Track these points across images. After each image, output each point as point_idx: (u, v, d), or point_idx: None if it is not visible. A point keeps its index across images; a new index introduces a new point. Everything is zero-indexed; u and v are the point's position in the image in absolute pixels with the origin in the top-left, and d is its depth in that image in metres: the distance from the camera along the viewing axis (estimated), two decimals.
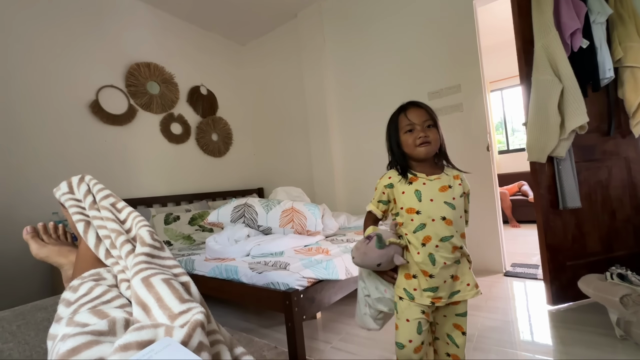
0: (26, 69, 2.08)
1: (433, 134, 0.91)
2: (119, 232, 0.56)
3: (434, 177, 0.92)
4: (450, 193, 0.90)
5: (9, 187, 1.93)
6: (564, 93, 1.54)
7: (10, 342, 0.53)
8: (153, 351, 0.31)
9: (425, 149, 0.90)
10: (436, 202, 0.88)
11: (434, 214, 0.88)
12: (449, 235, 0.87)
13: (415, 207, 0.89)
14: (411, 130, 0.92)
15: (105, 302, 0.47)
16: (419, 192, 0.90)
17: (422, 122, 0.91)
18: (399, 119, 0.95)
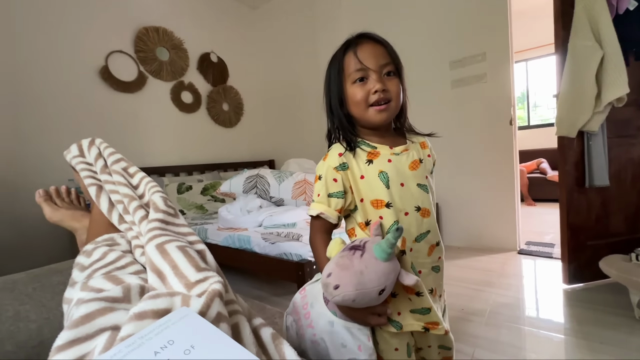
0: (34, 34, 2.02)
1: (395, 87, 0.61)
2: (131, 197, 0.53)
3: (400, 149, 0.64)
4: (422, 170, 0.64)
5: (23, 154, 1.94)
6: (604, 61, 1.41)
7: (27, 304, 0.52)
8: (170, 321, 0.29)
9: (384, 114, 0.61)
10: (408, 187, 0.62)
11: (406, 205, 0.61)
12: (424, 232, 0.63)
13: (384, 198, 0.60)
14: (362, 80, 0.61)
15: (120, 268, 0.45)
16: (384, 174, 0.61)
17: (379, 66, 0.60)
18: (345, 61, 0.63)
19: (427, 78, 2.46)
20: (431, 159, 0.69)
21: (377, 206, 0.61)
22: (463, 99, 2.34)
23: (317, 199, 0.64)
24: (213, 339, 0.28)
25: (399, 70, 0.63)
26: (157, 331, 0.28)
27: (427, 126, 0.71)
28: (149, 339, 0.27)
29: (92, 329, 0.33)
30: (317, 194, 0.64)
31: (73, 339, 0.33)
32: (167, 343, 0.26)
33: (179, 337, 0.27)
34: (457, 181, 2.40)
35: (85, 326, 0.33)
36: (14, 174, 1.90)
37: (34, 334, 0.51)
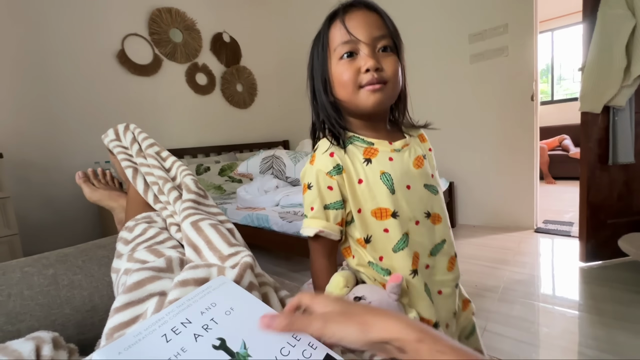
0: (56, 21, 2.06)
1: (392, 66, 0.48)
2: (165, 179, 0.58)
3: (400, 144, 0.53)
4: (427, 168, 0.54)
5: (53, 138, 2.04)
6: (636, 30, 1.33)
7: (79, 274, 0.58)
8: (211, 287, 0.33)
9: (379, 95, 0.48)
10: (415, 190, 0.51)
11: (416, 212, 0.51)
12: (439, 241, 0.53)
13: (389, 207, 0.49)
14: (351, 55, 0.48)
15: (159, 243, 0.50)
16: (387, 176, 0.50)
17: (372, 38, 0.47)
18: (330, 33, 0.51)
19: (443, 53, 2.38)
20: (432, 153, 0.58)
21: (381, 217, 0.49)
22: (482, 74, 2.26)
23: (311, 214, 0.51)
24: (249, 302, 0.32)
25: (398, 47, 0.50)
26: (200, 295, 0.32)
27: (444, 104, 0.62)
28: (195, 301, 0.31)
29: (144, 294, 0.38)
30: (310, 207, 0.51)
31: (128, 302, 0.38)
32: (210, 305, 0.30)
33: (219, 300, 0.31)
34: (474, 158, 2.36)
35: (138, 291, 0.38)
36: (46, 157, 2.01)
37: (86, 299, 0.58)
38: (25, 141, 1.93)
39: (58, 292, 0.55)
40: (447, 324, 0.53)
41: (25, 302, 0.52)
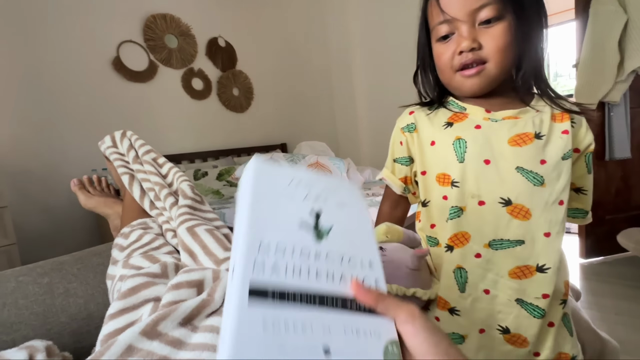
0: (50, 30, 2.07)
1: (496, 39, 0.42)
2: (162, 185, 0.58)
3: (502, 114, 0.45)
4: (537, 149, 0.43)
5: (48, 146, 2.04)
6: (628, 26, 1.34)
7: (74, 282, 0.58)
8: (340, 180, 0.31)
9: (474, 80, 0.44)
10: (497, 168, 0.43)
11: (485, 192, 0.44)
12: (512, 239, 0.43)
13: (451, 174, 0.46)
14: (447, 37, 0.45)
15: (155, 249, 0.50)
16: (462, 142, 0.45)
17: (469, 12, 0.41)
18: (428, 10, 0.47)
19: None
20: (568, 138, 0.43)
21: (443, 182, 0.46)
22: None
23: (386, 163, 0.56)
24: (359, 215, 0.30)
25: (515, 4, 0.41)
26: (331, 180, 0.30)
27: None
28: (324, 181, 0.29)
29: (138, 300, 0.38)
30: (388, 156, 0.55)
31: (123, 308, 0.37)
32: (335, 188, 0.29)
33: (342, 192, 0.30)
34: None
35: (133, 297, 0.38)
36: (43, 165, 2.00)
37: (82, 307, 0.57)
38: (21, 150, 1.93)
39: (53, 300, 0.55)
40: (481, 329, 0.45)
41: (20, 312, 0.52)
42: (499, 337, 0.44)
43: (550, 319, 0.45)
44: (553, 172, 0.43)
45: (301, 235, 0.25)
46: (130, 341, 0.32)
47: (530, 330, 0.44)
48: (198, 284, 0.40)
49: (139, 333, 0.32)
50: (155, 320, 0.33)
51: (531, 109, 0.46)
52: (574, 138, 0.45)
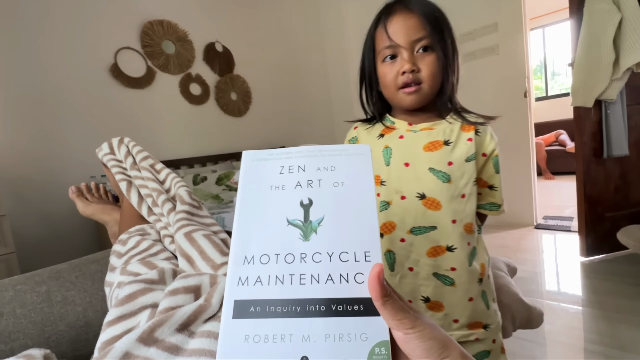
0: (48, 38, 2.07)
1: (429, 66, 0.52)
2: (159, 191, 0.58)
3: (420, 126, 0.57)
4: (445, 154, 0.54)
5: (47, 153, 2.04)
6: (623, 24, 1.34)
7: (72, 290, 0.58)
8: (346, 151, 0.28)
9: (413, 97, 0.54)
10: (414, 169, 0.55)
11: (405, 188, 0.55)
12: (427, 225, 0.54)
13: (381, 174, 0.58)
14: (393, 57, 0.54)
15: (153, 255, 0.50)
16: (388, 150, 0.57)
17: (410, 42, 0.52)
18: (376, 36, 0.57)
19: None
20: (472, 144, 0.54)
21: (376, 182, 0.57)
22: (474, 73, 2.28)
23: None
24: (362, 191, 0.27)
25: (442, 41, 0.53)
26: (332, 152, 0.28)
27: None
28: (323, 155, 0.28)
29: (136, 307, 0.38)
30: None
31: (120, 315, 0.37)
32: (330, 167, 0.27)
33: (341, 168, 0.27)
34: None
35: (130, 304, 0.38)
36: (40, 172, 2.00)
37: (80, 315, 0.57)
38: (20, 158, 1.93)
39: (51, 309, 0.55)
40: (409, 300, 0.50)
41: (18, 321, 0.52)
42: (422, 305, 0.56)
43: (469, 295, 0.55)
44: (458, 172, 0.54)
45: (288, 236, 0.24)
46: (127, 348, 0.32)
47: (445, 298, 0.55)
48: (195, 290, 0.40)
49: (135, 340, 0.32)
50: (152, 326, 0.33)
51: (445, 121, 0.57)
52: (480, 145, 0.56)
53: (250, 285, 0.23)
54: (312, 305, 0.22)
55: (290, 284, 0.23)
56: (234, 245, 0.24)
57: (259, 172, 0.27)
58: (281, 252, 0.24)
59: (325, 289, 0.23)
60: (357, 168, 0.27)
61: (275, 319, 0.22)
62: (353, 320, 0.22)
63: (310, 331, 0.21)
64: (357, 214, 0.25)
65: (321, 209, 0.25)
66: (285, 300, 0.22)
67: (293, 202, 0.25)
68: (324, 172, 0.27)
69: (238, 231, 0.24)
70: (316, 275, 0.23)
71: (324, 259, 0.24)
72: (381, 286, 0.22)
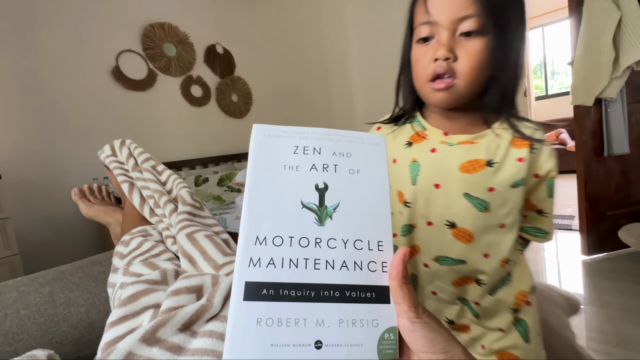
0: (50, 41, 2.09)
1: (471, 57, 0.40)
2: (161, 192, 0.58)
3: (458, 138, 0.45)
4: (486, 177, 0.43)
5: (49, 156, 2.05)
6: (622, 22, 1.34)
7: (75, 291, 0.58)
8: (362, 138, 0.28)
9: (442, 96, 0.42)
10: (445, 191, 0.44)
11: (433, 214, 0.46)
12: (454, 258, 0.46)
13: (405, 193, 0.47)
14: (427, 40, 0.43)
15: (155, 255, 0.50)
16: (416, 165, 0.46)
17: (452, 20, 0.40)
18: (415, 8, 0.45)
19: None
20: (522, 166, 0.42)
21: (400, 199, 0.48)
22: None
23: None
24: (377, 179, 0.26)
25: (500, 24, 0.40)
26: (349, 138, 0.27)
27: None
28: (339, 140, 0.27)
29: (138, 307, 0.38)
30: None
31: (123, 316, 0.38)
32: (347, 153, 0.26)
33: (357, 155, 0.27)
34: None
35: (133, 304, 0.38)
36: (43, 175, 2.01)
37: (83, 316, 0.57)
38: (23, 161, 1.94)
39: (55, 310, 0.55)
40: None
41: (22, 322, 0.52)
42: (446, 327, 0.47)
43: (499, 326, 0.48)
44: (499, 199, 0.43)
45: (302, 219, 0.24)
46: (129, 348, 0.32)
47: (472, 323, 0.49)
48: (197, 290, 0.40)
49: (138, 340, 0.33)
50: (155, 326, 0.34)
51: (491, 132, 0.44)
52: (533, 164, 0.44)
53: (263, 267, 0.22)
54: (326, 290, 0.22)
55: (305, 268, 0.22)
56: (245, 224, 0.23)
57: (271, 149, 0.26)
58: (295, 235, 0.23)
59: (339, 275, 0.23)
60: (372, 157, 0.27)
61: (290, 303, 0.21)
62: (365, 306, 0.22)
63: (325, 316, 0.21)
64: (372, 203, 0.25)
65: (337, 194, 0.25)
66: (300, 285, 0.22)
67: (308, 185, 0.25)
68: (340, 158, 0.26)
69: (249, 210, 0.23)
70: (331, 261, 0.23)
71: (339, 245, 0.23)
72: (405, 268, 0.22)
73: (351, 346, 0.21)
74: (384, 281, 0.23)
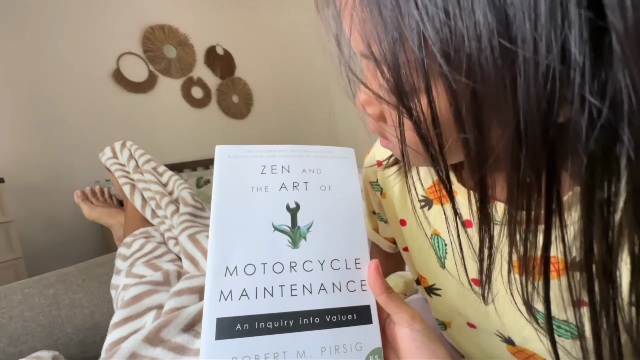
0: (51, 44, 2.10)
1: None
2: (162, 194, 0.59)
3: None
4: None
5: (55, 159, 2.06)
6: None
7: (79, 293, 0.59)
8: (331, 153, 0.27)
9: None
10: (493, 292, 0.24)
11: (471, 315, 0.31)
12: None
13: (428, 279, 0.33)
14: None
15: (157, 257, 0.50)
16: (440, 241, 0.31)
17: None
18: None
19: None
20: None
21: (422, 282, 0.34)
22: None
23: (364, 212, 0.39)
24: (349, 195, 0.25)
25: None
26: (317, 153, 0.26)
27: None
28: (308, 156, 0.26)
29: (142, 308, 0.39)
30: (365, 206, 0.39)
31: (126, 317, 0.38)
32: (316, 169, 0.25)
33: (327, 170, 0.26)
34: None
35: (136, 305, 0.38)
36: (46, 178, 2.03)
37: (87, 318, 0.58)
38: (25, 164, 1.95)
39: (59, 311, 0.55)
40: None
41: (26, 324, 0.52)
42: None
43: None
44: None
45: (275, 243, 0.22)
46: (133, 349, 0.33)
47: None
48: (200, 290, 0.40)
49: (141, 340, 0.33)
50: (158, 327, 0.34)
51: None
52: None
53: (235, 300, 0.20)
54: (305, 317, 0.20)
55: (281, 295, 0.21)
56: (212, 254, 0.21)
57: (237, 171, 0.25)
58: (268, 261, 0.22)
59: (318, 299, 0.21)
60: (342, 172, 0.26)
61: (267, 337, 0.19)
62: (348, 330, 0.21)
63: (305, 346, 0.20)
64: (346, 219, 0.24)
65: (309, 213, 0.23)
66: (277, 315, 0.20)
67: (278, 206, 0.23)
68: (310, 175, 0.25)
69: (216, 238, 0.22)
70: (308, 285, 0.21)
71: (315, 268, 0.22)
72: (382, 280, 0.21)
73: None
74: (364, 300, 0.22)
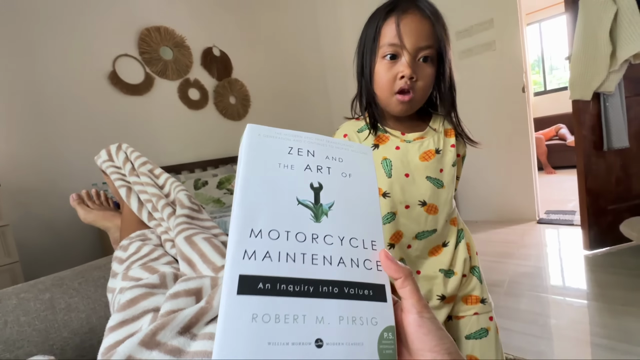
0: (47, 47, 2.09)
1: (426, 78, 0.53)
2: (159, 196, 0.58)
3: (413, 136, 0.58)
4: (438, 162, 0.58)
5: (51, 162, 2.05)
6: (618, 16, 1.34)
7: (75, 297, 0.58)
8: (351, 147, 0.29)
9: (405, 106, 0.54)
10: (414, 179, 0.57)
11: (409, 198, 0.57)
12: (429, 229, 0.58)
13: (383, 187, 0.57)
14: (394, 58, 0.52)
15: (154, 260, 0.50)
16: (387, 162, 0.57)
17: (416, 48, 0.51)
18: (383, 27, 0.53)
19: None
20: (454, 150, 0.58)
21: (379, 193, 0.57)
22: (472, 70, 2.28)
23: None
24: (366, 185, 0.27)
25: (441, 54, 0.53)
26: (339, 145, 0.28)
27: None
28: (331, 146, 0.28)
29: (138, 311, 0.38)
30: None
31: (122, 320, 0.37)
32: (338, 158, 0.27)
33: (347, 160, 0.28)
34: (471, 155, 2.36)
35: (132, 309, 0.38)
36: (42, 181, 2.01)
37: (84, 322, 0.57)
38: (21, 167, 1.94)
39: (55, 316, 0.55)
40: None
41: (22, 329, 0.52)
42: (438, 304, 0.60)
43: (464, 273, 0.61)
44: (447, 176, 0.59)
45: (298, 215, 0.23)
46: (129, 352, 0.32)
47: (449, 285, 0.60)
48: (196, 292, 0.40)
49: (138, 343, 0.32)
50: (154, 330, 0.33)
51: (430, 128, 0.59)
52: (457, 148, 0.60)
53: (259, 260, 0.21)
54: (325, 286, 0.21)
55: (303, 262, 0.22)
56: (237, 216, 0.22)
57: (266, 148, 0.26)
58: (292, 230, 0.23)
59: (337, 271, 0.22)
60: (361, 164, 0.28)
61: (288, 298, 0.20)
62: (364, 304, 0.22)
63: (324, 312, 0.20)
64: (364, 205, 0.26)
65: (331, 194, 0.25)
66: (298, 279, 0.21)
67: (303, 183, 0.25)
68: (332, 161, 0.27)
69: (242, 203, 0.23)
70: (328, 257, 0.23)
71: (336, 242, 0.23)
72: (398, 265, 0.22)
73: (352, 345, 0.20)
74: (379, 279, 0.23)
